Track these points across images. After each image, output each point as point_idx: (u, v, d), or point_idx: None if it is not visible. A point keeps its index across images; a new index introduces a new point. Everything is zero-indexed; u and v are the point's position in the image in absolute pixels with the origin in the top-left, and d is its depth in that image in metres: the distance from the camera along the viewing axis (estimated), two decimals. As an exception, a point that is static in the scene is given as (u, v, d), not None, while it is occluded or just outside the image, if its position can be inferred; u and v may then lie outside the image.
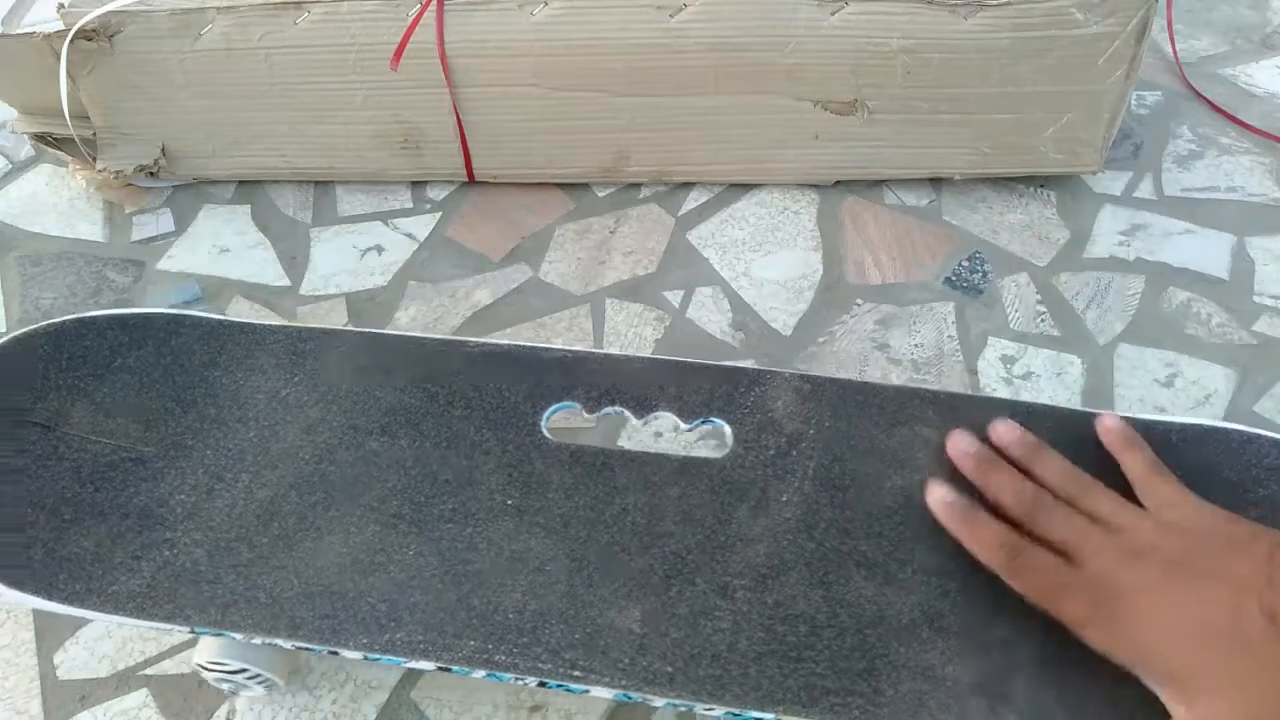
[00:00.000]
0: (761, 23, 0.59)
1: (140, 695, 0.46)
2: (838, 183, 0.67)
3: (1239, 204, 0.66)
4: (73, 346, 0.47)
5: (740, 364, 0.49)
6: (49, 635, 0.48)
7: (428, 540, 0.41)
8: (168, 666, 0.47)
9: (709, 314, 0.60)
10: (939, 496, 0.39)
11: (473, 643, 0.38)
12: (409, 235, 0.66)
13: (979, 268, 0.62)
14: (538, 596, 0.39)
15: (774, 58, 0.60)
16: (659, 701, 0.37)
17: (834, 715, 0.36)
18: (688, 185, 0.68)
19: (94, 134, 0.66)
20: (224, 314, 0.61)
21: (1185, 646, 0.32)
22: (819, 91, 0.62)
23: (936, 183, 0.67)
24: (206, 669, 0.42)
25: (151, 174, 0.67)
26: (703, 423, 0.45)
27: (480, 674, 0.38)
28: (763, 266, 0.63)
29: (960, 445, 0.41)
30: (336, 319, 0.61)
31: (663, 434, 0.54)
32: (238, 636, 0.39)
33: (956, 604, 0.38)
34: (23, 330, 0.47)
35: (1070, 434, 0.42)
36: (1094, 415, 0.43)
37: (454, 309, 0.61)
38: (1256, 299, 0.60)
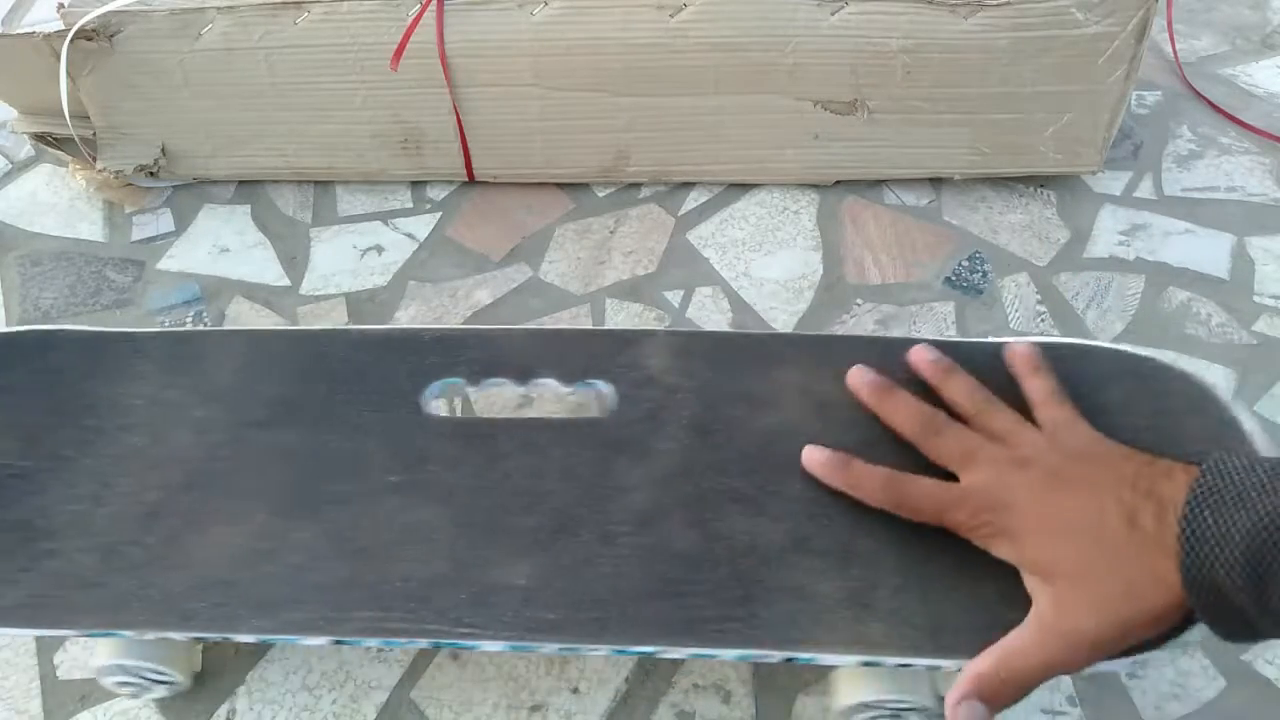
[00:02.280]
0: (761, 23, 0.59)
1: (140, 695, 0.46)
2: (838, 183, 0.67)
3: (1239, 204, 0.66)
4: None
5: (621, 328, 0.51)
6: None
7: (317, 523, 0.42)
8: (168, 666, 0.47)
9: (709, 314, 0.60)
10: (815, 459, 0.41)
11: (366, 614, 0.39)
12: (409, 235, 0.66)
13: (979, 267, 0.62)
14: (426, 564, 0.40)
15: (774, 58, 0.60)
16: (547, 648, 0.38)
17: (713, 642, 0.38)
18: (688, 185, 0.68)
19: (94, 134, 0.66)
20: (224, 314, 0.61)
21: (1051, 538, 0.36)
22: (819, 91, 0.62)
23: (936, 183, 0.67)
24: (106, 672, 0.42)
25: (151, 174, 0.67)
26: (584, 385, 0.46)
27: (374, 642, 0.39)
28: (763, 266, 0.63)
29: (857, 376, 0.43)
30: (337, 319, 0.61)
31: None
32: (130, 635, 0.39)
33: (823, 526, 0.41)
34: None
35: (968, 365, 0.45)
36: (990, 345, 0.45)
37: (454, 309, 0.61)
38: (1256, 299, 0.60)
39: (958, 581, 0.39)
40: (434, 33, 0.60)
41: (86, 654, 0.47)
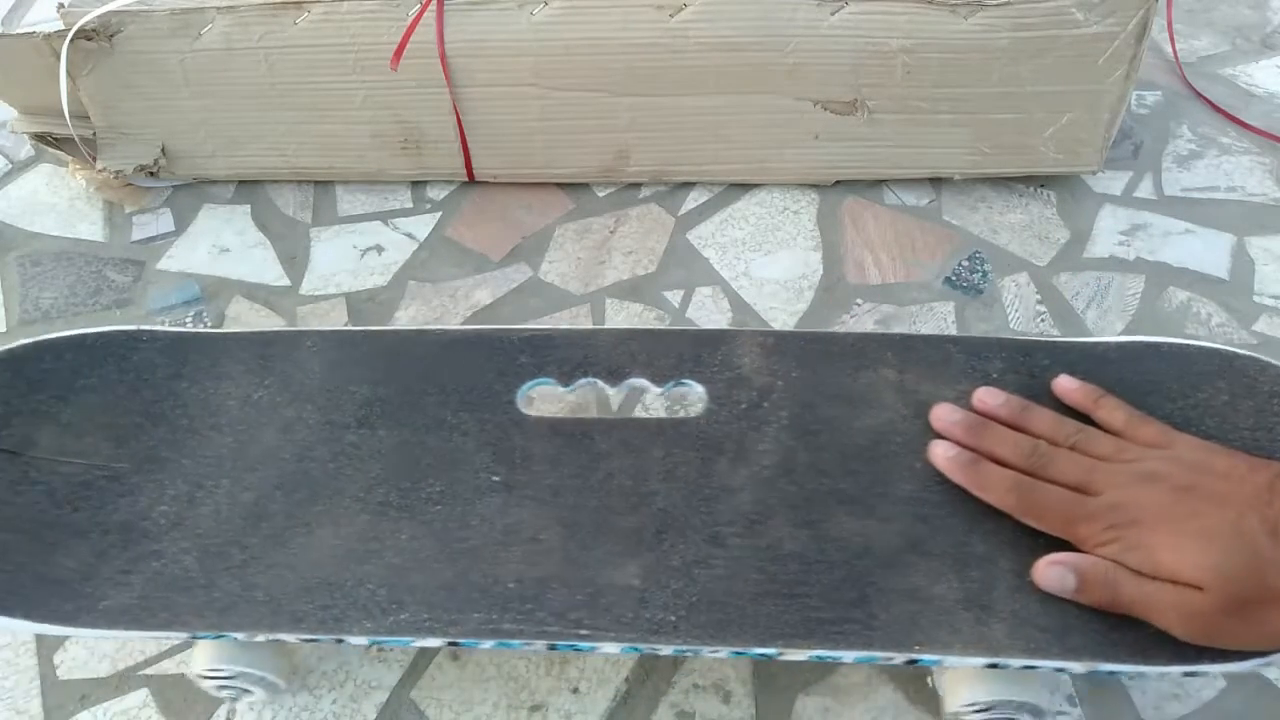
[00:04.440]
0: (761, 23, 0.59)
1: (140, 695, 0.46)
2: (838, 183, 0.67)
3: (1239, 204, 0.66)
4: (31, 371, 0.46)
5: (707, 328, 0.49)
6: (49, 635, 0.48)
7: (419, 523, 0.41)
8: (167, 666, 0.47)
9: (709, 314, 0.60)
10: (942, 453, 0.41)
11: (477, 615, 0.38)
12: (409, 235, 0.66)
13: (979, 267, 0.62)
14: (535, 565, 0.40)
15: (774, 58, 0.60)
16: (666, 649, 0.38)
17: (833, 643, 0.37)
18: (688, 185, 0.68)
19: (94, 134, 0.66)
20: (224, 314, 0.61)
21: (1193, 546, 0.35)
22: (819, 91, 0.62)
23: (936, 183, 0.67)
24: (206, 677, 0.42)
25: (151, 174, 0.67)
26: (676, 385, 0.46)
27: (489, 644, 0.38)
28: (763, 266, 0.63)
29: (945, 417, 0.43)
30: (336, 319, 0.61)
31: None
32: (240, 637, 0.39)
33: (935, 528, 0.40)
34: None
35: (1023, 362, 0.45)
36: (1034, 343, 0.46)
37: (454, 309, 0.61)
38: (1256, 299, 0.60)
39: None
40: (434, 33, 0.60)
41: (87, 654, 0.47)
